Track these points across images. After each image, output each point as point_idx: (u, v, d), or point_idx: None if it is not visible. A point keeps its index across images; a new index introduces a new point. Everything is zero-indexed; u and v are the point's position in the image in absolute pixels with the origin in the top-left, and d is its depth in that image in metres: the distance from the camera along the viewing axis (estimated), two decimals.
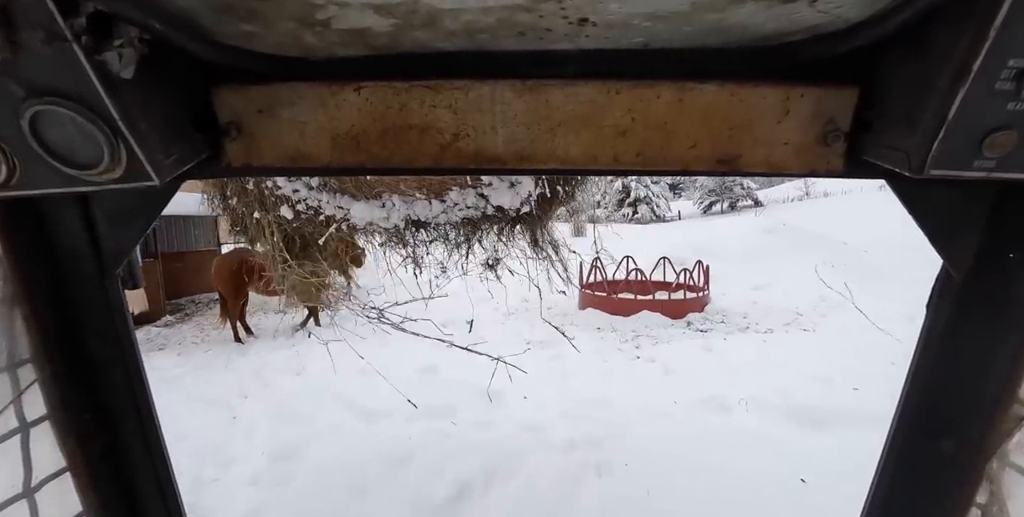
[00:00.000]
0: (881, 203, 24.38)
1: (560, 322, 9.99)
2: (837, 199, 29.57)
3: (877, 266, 13.94)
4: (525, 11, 0.69)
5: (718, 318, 10.44)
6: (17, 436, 0.86)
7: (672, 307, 10.54)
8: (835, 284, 11.33)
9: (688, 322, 10.15)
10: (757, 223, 19.04)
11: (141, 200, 0.93)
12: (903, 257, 13.35)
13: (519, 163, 0.92)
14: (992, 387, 0.86)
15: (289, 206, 3.51)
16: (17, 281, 0.88)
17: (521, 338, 8.61)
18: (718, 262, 12.09)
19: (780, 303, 11.35)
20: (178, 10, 0.68)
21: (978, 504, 0.89)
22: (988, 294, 0.85)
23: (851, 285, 10.79)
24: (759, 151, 0.88)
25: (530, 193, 3.60)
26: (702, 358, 7.60)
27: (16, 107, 0.67)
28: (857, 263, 14.41)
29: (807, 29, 0.75)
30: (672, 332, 9.46)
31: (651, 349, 8.33)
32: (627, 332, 9.51)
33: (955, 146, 0.67)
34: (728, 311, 10.88)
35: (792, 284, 12.68)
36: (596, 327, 9.86)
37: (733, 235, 17.27)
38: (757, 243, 16.61)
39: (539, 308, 9.44)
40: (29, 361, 0.89)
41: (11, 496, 0.85)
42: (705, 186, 33.27)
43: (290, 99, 0.89)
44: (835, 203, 27.21)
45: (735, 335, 9.05)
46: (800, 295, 11.71)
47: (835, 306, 10.55)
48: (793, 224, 18.83)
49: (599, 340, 8.92)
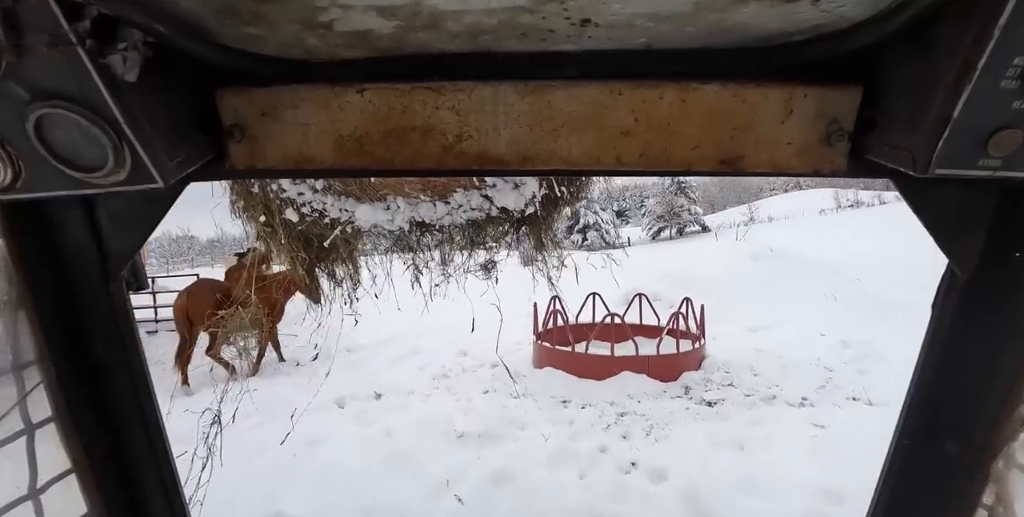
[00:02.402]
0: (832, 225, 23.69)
1: (508, 390, 7.08)
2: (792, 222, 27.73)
3: (876, 297, 11.69)
4: (528, 12, 0.69)
5: (723, 378, 7.65)
6: (23, 438, 0.87)
7: (662, 365, 7.63)
8: (847, 321, 9.76)
9: (685, 387, 7.39)
10: (741, 249, 16.19)
11: (145, 203, 0.93)
12: (893, 281, 11.99)
13: (522, 164, 0.92)
14: (998, 387, 0.86)
15: (294, 209, 3.52)
16: (22, 283, 0.88)
17: (451, 426, 5.78)
18: (703, 297, 9.18)
19: (793, 352, 8.61)
20: (182, 13, 0.68)
21: (984, 505, 0.89)
22: (993, 293, 0.85)
23: (866, 322, 9.41)
24: (762, 151, 0.87)
25: (534, 194, 3.61)
26: (731, 461, 4.89)
27: (21, 110, 0.68)
28: (856, 294, 12.04)
29: (810, 28, 0.74)
30: (669, 407, 6.60)
31: (645, 442, 5.54)
32: (604, 407, 6.60)
33: (960, 145, 0.67)
34: (731, 366, 8.02)
35: (798, 324, 10.10)
36: (560, 399, 6.93)
37: (715, 263, 14.48)
38: (745, 272, 13.64)
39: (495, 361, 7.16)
40: (34, 363, 0.89)
41: (17, 498, 0.85)
42: (653, 212, 33.18)
43: (293, 101, 0.89)
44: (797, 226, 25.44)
45: (760, 410, 6.38)
46: (814, 340, 9.17)
47: (870, 356, 8.08)
48: (781, 249, 15.82)
49: (565, 425, 5.94)
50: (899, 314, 9.91)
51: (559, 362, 7.87)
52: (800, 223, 24.58)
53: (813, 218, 23.21)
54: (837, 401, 6.67)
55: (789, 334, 9.60)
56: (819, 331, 9.55)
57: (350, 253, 4.17)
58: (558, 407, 6.69)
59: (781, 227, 24.28)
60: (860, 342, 8.69)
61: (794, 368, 7.91)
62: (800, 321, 10.27)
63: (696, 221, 32.81)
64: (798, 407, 6.53)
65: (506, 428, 5.81)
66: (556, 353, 8.00)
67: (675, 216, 32.17)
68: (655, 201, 33.28)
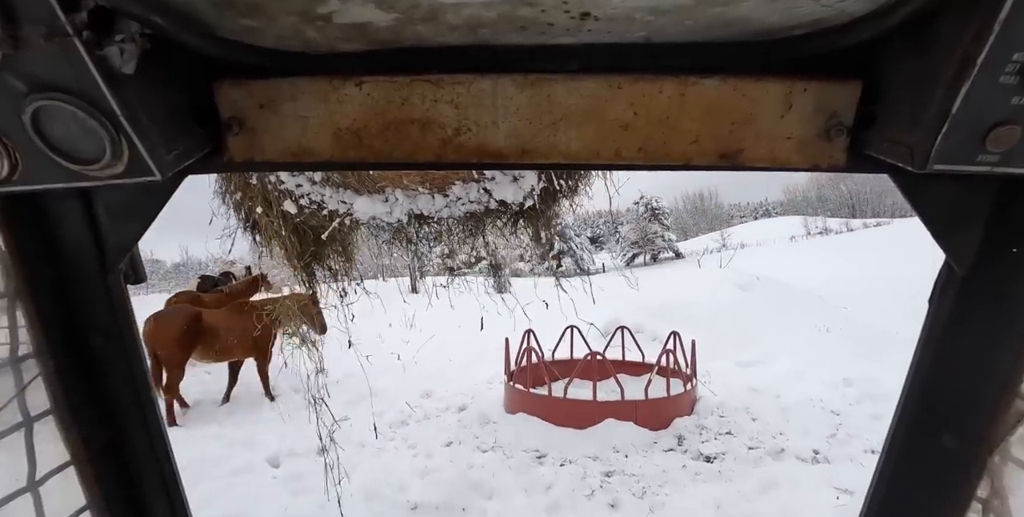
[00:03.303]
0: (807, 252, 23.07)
1: (475, 441, 6.17)
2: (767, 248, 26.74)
3: (867, 326, 11.09)
4: (527, 5, 0.69)
5: (719, 424, 6.76)
6: (21, 430, 0.87)
7: (651, 411, 6.69)
8: (841, 355, 9.12)
9: (679, 436, 6.49)
10: (726, 277, 14.65)
11: (143, 195, 0.93)
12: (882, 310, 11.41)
13: (521, 157, 0.91)
14: (994, 382, 0.86)
15: (293, 201, 3.52)
16: (20, 276, 0.88)
17: (404, 494, 4.98)
18: (688, 329, 8.26)
19: (792, 391, 7.81)
20: (179, 5, 0.68)
21: (979, 498, 0.89)
22: (990, 289, 0.85)
23: (862, 356, 8.82)
24: (761, 146, 0.87)
25: (532, 187, 3.61)
26: None
27: (18, 102, 0.67)
28: (848, 324, 11.29)
29: (810, 23, 0.74)
30: (662, 463, 5.74)
31: (637, 512, 4.81)
32: (587, 464, 5.70)
33: (958, 141, 0.67)
34: (726, 408, 7.14)
35: (791, 358, 9.25)
36: (535, 453, 5.97)
37: (699, 292, 13.06)
38: (730, 302, 12.41)
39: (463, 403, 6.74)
40: (32, 356, 0.90)
41: (16, 490, 0.86)
42: (628, 238, 33.38)
43: (292, 94, 0.89)
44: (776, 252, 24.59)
45: (768, 467, 5.54)
46: (811, 377, 8.41)
47: (878, 399, 7.29)
48: (768, 277, 14.59)
49: (541, 491, 5.07)
50: (895, 346, 9.27)
51: (534, 407, 6.92)
52: (775, 249, 23.85)
53: (785, 244, 22.72)
54: (854, 454, 5.82)
55: (783, 370, 8.81)
56: (814, 365, 8.82)
57: (345, 247, 4.17)
58: (533, 464, 5.75)
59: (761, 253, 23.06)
60: (863, 380, 8.07)
61: (796, 411, 7.09)
62: (793, 355, 9.46)
63: (670, 247, 33.16)
64: (812, 463, 5.75)
65: (469, 497, 4.91)
66: (531, 397, 7.04)
67: (649, 242, 32.58)
68: (629, 227, 33.55)
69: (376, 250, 4.28)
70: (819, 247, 25.21)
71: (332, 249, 4.11)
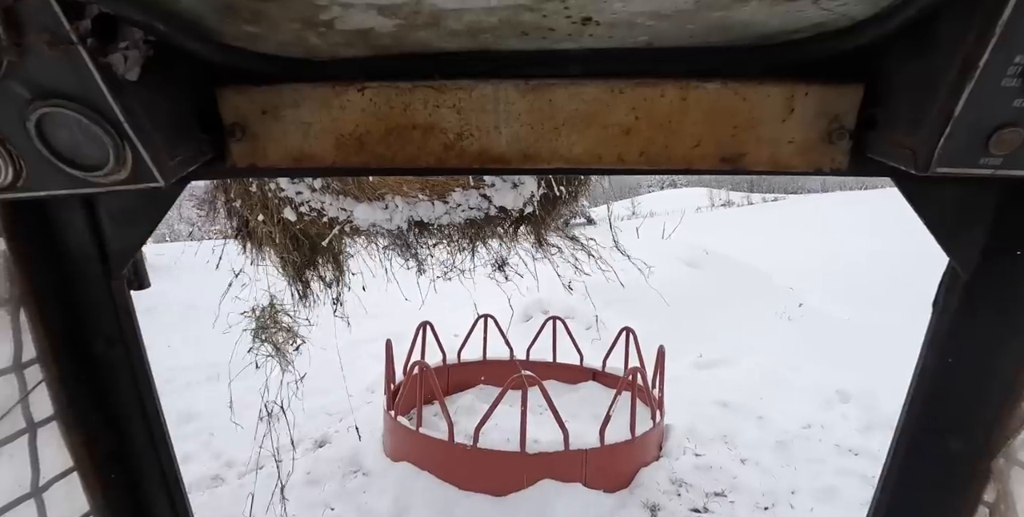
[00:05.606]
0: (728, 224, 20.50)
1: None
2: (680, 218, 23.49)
3: (826, 316, 9.01)
4: (528, 11, 0.69)
5: (698, 474, 4.55)
6: (24, 436, 0.87)
7: (607, 464, 4.24)
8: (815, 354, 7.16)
9: (649, 504, 4.17)
10: (672, 252, 10.46)
11: (146, 201, 0.93)
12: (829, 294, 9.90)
13: (523, 163, 0.92)
14: (999, 385, 0.86)
15: (292, 208, 3.52)
16: (23, 282, 0.88)
17: None
18: (632, 318, 6.38)
19: (778, 410, 5.65)
20: (182, 12, 0.68)
21: (985, 502, 0.89)
22: (995, 292, 0.85)
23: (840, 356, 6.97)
24: (763, 149, 0.87)
25: (532, 193, 3.61)
26: None
27: (22, 109, 0.68)
28: (808, 314, 8.98)
29: (811, 27, 0.74)
30: None
31: None
32: None
33: (961, 143, 0.67)
34: (700, 439, 5.01)
35: (760, 357, 6.96)
36: None
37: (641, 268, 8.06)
38: (681, 283, 8.93)
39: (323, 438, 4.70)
40: (36, 362, 0.89)
41: (19, 496, 0.85)
42: None
43: (294, 100, 0.89)
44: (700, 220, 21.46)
45: None
46: (792, 385, 6.26)
47: (877, 422, 5.30)
48: (715, 251, 11.07)
49: None
50: (862, 341, 7.59)
51: (425, 459, 4.23)
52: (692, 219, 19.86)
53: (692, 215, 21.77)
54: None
55: (755, 376, 6.48)
56: (790, 369, 6.71)
57: (335, 256, 4.14)
58: None
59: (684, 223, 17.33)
60: (862, 393, 5.94)
61: (797, 447, 4.96)
62: (760, 352, 7.20)
63: (582, 213, 32.56)
64: None
65: None
66: (421, 443, 4.22)
67: None
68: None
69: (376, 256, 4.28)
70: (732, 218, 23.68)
71: (325, 259, 4.11)
